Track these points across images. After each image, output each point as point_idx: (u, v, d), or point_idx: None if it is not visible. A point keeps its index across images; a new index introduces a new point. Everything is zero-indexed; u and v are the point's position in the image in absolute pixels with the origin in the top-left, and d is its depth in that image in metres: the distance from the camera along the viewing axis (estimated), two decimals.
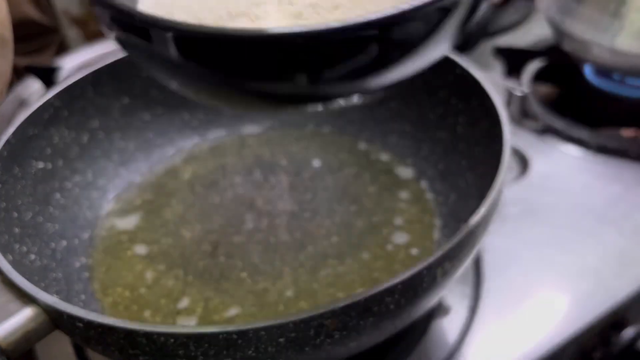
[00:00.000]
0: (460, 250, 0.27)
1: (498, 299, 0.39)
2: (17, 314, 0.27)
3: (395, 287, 0.25)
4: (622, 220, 0.44)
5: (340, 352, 0.27)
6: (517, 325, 0.38)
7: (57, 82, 0.62)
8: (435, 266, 0.26)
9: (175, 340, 0.24)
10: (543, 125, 0.52)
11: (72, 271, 0.38)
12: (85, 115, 0.44)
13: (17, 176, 0.37)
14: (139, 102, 0.47)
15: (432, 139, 0.44)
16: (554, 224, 0.44)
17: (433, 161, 0.44)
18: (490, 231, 0.31)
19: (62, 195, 0.41)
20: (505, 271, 0.41)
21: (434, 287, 0.27)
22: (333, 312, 0.24)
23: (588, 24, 0.52)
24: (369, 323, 0.26)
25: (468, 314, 0.39)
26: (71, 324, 0.26)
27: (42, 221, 0.38)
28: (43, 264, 0.35)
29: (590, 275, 0.40)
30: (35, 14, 0.74)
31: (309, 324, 0.24)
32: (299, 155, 0.48)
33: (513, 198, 0.47)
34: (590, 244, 0.43)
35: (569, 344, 0.38)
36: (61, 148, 0.42)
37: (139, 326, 0.24)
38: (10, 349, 0.26)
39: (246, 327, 0.24)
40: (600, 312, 0.38)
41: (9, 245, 0.33)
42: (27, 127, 0.39)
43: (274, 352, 0.25)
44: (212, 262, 0.39)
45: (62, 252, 0.38)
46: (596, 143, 0.51)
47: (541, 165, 0.50)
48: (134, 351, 0.25)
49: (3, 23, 0.39)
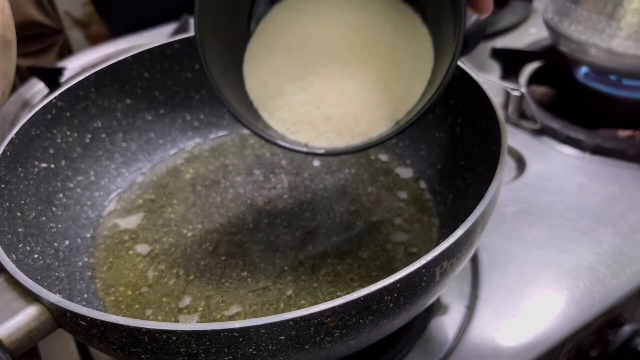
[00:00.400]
0: (458, 249, 0.28)
1: (495, 297, 0.40)
2: (21, 313, 0.27)
3: (394, 285, 0.25)
4: (619, 220, 0.45)
5: (340, 350, 0.28)
6: (515, 324, 0.38)
7: (59, 83, 0.63)
8: (433, 265, 0.26)
9: (177, 338, 0.24)
10: (540, 125, 0.52)
11: (75, 270, 0.38)
12: (88, 115, 0.44)
13: (20, 176, 0.37)
14: (141, 102, 0.48)
15: (431, 140, 0.45)
16: (551, 223, 0.45)
17: (432, 161, 0.44)
18: (487, 230, 0.31)
19: (65, 195, 0.41)
20: (502, 270, 0.41)
21: (432, 285, 0.28)
22: (333, 310, 0.24)
23: (585, 26, 0.52)
24: (368, 321, 0.26)
25: (466, 312, 0.39)
26: (74, 322, 0.26)
27: (45, 221, 0.38)
28: (46, 263, 0.36)
29: (587, 274, 0.41)
30: (38, 16, 0.74)
31: (309, 322, 0.25)
32: (299, 155, 0.48)
33: (510, 198, 0.47)
34: (587, 243, 0.43)
35: (565, 341, 0.38)
36: (64, 148, 0.42)
37: (141, 324, 0.25)
38: (13, 347, 0.27)
39: (247, 324, 0.24)
40: (597, 310, 0.39)
41: (13, 244, 0.33)
42: (30, 127, 0.39)
43: (275, 350, 0.25)
44: (213, 261, 0.39)
45: (64, 251, 0.38)
46: (593, 144, 0.51)
47: (538, 166, 0.51)
48: (136, 349, 0.26)
49: (6, 24, 0.39)
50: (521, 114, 0.42)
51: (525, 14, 0.74)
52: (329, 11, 0.35)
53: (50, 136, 0.41)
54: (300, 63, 0.35)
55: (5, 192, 0.35)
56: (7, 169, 0.36)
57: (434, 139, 0.44)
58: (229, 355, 0.25)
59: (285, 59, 0.35)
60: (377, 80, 0.34)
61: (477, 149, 0.39)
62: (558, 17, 0.55)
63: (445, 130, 0.43)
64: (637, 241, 0.43)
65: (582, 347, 0.40)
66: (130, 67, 0.47)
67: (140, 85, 0.47)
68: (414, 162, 0.46)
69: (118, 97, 0.46)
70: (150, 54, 0.47)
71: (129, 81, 0.47)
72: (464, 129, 0.41)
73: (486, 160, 0.36)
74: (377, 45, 0.34)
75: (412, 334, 0.38)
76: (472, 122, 0.39)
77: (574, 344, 0.39)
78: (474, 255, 0.42)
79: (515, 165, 0.52)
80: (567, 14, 0.54)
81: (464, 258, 0.29)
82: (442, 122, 0.43)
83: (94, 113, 0.45)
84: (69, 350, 0.39)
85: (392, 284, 0.25)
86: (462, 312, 0.39)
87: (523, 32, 0.72)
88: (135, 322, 0.25)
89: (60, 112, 0.42)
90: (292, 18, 0.35)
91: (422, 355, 0.37)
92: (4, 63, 0.40)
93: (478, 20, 0.48)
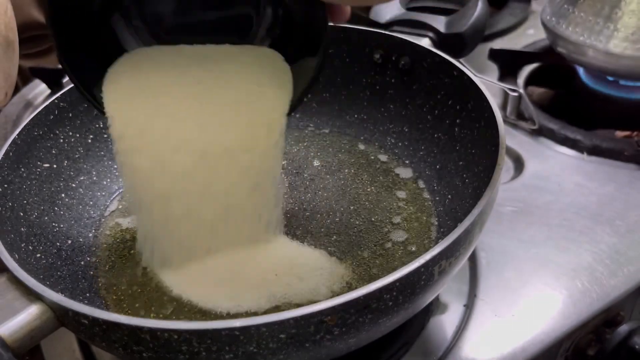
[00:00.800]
0: (456, 248, 0.28)
1: (494, 296, 0.40)
2: (23, 312, 0.27)
3: (394, 284, 0.25)
4: (616, 220, 0.45)
5: (340, 348, 0.28)
6: (513, 323, 0.38)
7: (62, 83, 0.63)
8: (432, 264, 0.27)
9: (179, 337, 0.25)
10: (538, 126, 0.52)
11: (77, 269, 0.38)
12: (90, 116, 0.44)
13: (23, 176, 0.38)
14: None
15: (430, 140, 0.45)
16: (549, 223, 0.45)
17: (430, 161, 0.44)
18: (486, 230, 0.32)
19: (67, 195, 0.41)
20: (501, 269, 0.42)
21: (431, 284, 0.28)
22: (333, 308, 0.25)
23: (582, 27, 0.53)
24: (367, 320, 0.26)
25: (464, 311, 0.39)
26: (76, 321, 0.26)
27: (48, 220, 0.38)
28: (48, 262, 0.36)
29: (585, 273, 0.41)
30: (41, 16, 0.74)
31: (309, 321, 0.25)
32: (299, 155, 0.48)
33: (509, 198, 0.47)
34: (585, 242, 0.43)
35: (563, 340, 0.38)
36: (66, 148, 0.42)
37: (143, 322, 0.25)
38: (16, 346, 0.27)
39: (248, 323, 0.24)
40: (595, 309, 0.39)
41: (15, 244, 0.33)
42: (32, 128, 0.39)
43: (275, 348, 0.25)
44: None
45: (67, 250, 0.39)
46: (590, 144, 0.51)
47: (536, 166, 0.51)
48: (137, 347, 0.26)
49: (8, 25, 0.39)
50: (519, 115, 0.42)
51: (523, 16, 0.74)
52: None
53: (53, 136, 0.41)
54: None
55: (8, 192, 0.36)
56: (10, 169, 0.36)
57: (433, 139, 0.44)
58: (230, 354, 0.25)
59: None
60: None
61: (476, 149, 0.39)
62: (556, 19, 0.56)
63: (444, 130, 0.43)
64: (635, 241, 0.43)
65: (580, 346, 0.41)
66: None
67: None
68: (413, 162, 0.46)
69: None
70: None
71: None
72: (463, 130, 0.41)
73: (484, 161, 0.36)
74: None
75: (411, 333, 0.38)
76: (471, 123, 0.40)
77: (572, 342, 0.40)
78: (473, 254, 0.43)
79: (514, 166, 0.52)
80: (564, 15, 0.55)
81: (463, 257, 0.30)
82: (441, 123, 0.44)
83: (96, 113, 0.45)
84: (71, 348, 0.39)
85: (392, 283, 0.25)
86: (460, 311, 0.40)
87: (521, 33, 0.72)
88: (137, 321, 0.25)
89: (63, 112, 0.42)
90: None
91: (420, 354, 0.37)
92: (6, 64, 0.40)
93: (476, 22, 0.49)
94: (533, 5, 0.76)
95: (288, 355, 0.26)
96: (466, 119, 0.41)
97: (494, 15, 0.74)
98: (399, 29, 0.51)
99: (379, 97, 0.48)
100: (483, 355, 0.37)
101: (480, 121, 0.38)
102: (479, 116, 0.38)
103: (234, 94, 0.34)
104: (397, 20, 0.52)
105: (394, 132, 0.48)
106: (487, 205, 0.29)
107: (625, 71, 0.52)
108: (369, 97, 0.49)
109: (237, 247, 0.38)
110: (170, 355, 0.26)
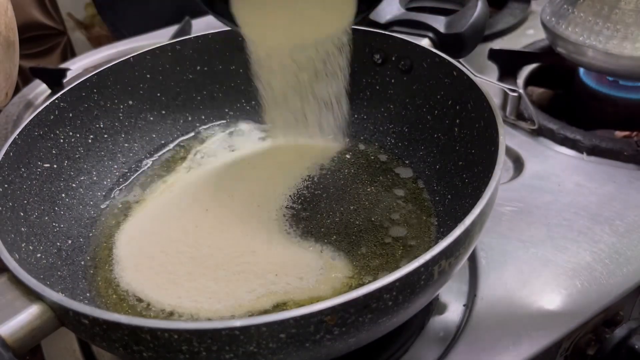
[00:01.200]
0: (456, 248, 0.28)
1: (493, 296, 0.40)
2: (24, 311, 0.27)
3: (393, 284, 0.25)
4: (615, 220, 0.45)
5: (340, 347, 0.28)
6: (512, 322, 0.38)
7: (62, 84, 0.63)
8: (432, 264, 0.27)
9: (179, 336, 0.25)
10: (538, 126, 0.53)
11: (77, 269, 0.38)
12: (90, 116, 0.44)
13: (23, 176, 0.38)
14: (143, 103, 0.48)
15: (430, 140, 0.45)
16: (548, 223, 0.45)
17: (430, 162, 0.45)
18: (486, 230, 0.32)
19: (67, 194, 0.41)
20: (500, 269, 0.42)
21: (430, 284, 0.28)
22: (332, 308, 0.25)
23: (582, 27, 0.53)
24: (367, 319, 0.26)
25: (464, 311, 0.40)
26: (77, 321, 0.27)
27: (48, 220, 0.38)
28: (49, 262, 0.36)
29: (584, 273, 0.41)
30: (41, 17, 0.74)
31: (309, 320, 0.25)
32: None
33: (508, 198, 0.47)
34: (584, 242, 0.43)
35: (563, 340, 0.38)
36: (66, 149, 0.42)
37: (143, 322, 0.25)
38: (16, 346, 0.27)
39: (248, 323, 0.24)
40: (594, 309, 0.39)
41: (16, 243, 0.33)
42: (33, 128, 0.39)
43: (275, 347, 0.25)
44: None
45: (67, 250, 0.39)
46: (590, 144, 0.51)
47: (536, 166, 0.51)
48: (138, 347, 0.26)
49: (9, 25, 0.40)
50: (519, 115, 0.42)
51: (523, 16, 0.74)
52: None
53: (53, 137, 0.41)
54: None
55: (8, 192, 0.36)
56: (10, 169, 0.36)
57: (433, 140, 0.45)
58: (230, 353, 0.25)
59: None
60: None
61: (475, 149, 0.39)
62: (555, 19, 0.56)
63: (444, 130, 0.43)
64: (634, 240, 0.43)
65: (579, 346, 0.41)
66: (132, 68, 0.47)
67: (142, 86, 0.48)
68: (413, 162, 0.46)
69: (120, 98, 0.47)
70: (152, 55, 0.48)
71: (131, 82, 0.47)
72: (463, 130, 0.41)
73: (484, 161, 0.36)
74: None
75: (411, 332, 0.38)
76: (471, 123, 0.40)
77: (571, 342, 0.40)
78: (472, 254, 0.43)
79: (513, 166, 0.52)
80: (564, 15, 0.55)
81: (462, 257, 0.30)
82: (440, 123, 0.44)
83: (97, 114, 0.45)
84: (72, 348, 0.40)
85: (391, 283, 0.25)
86: (460, 311, 0.40)
87: (521, 33, 0.72)
88: (137, 321, 0.25)
89: (63, 112, 0.42)
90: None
91: (420, 353, 0.37)
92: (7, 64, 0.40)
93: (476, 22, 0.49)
94: (533, 6, 0.76)
95: (288, 354, 0.26)
96: (466, 119, 0.41)
97: (494, 15, 0.74)
98: (399, 29, 0.51)
99: (379, 97, 0.48)
100: (483, 355, 0.37)
101: (480, 121, 0.38)
102: (478, 116, 0.38)
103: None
104: (397, 21, 0.52)
105: (394, 132, 0.48)
106: (487, 206, 0.29)
107: (624, 71, 0.52)
108: (369, 97, 0.49)
109: (238, 247, 0.38)
110: (170, 355, 0.26)
